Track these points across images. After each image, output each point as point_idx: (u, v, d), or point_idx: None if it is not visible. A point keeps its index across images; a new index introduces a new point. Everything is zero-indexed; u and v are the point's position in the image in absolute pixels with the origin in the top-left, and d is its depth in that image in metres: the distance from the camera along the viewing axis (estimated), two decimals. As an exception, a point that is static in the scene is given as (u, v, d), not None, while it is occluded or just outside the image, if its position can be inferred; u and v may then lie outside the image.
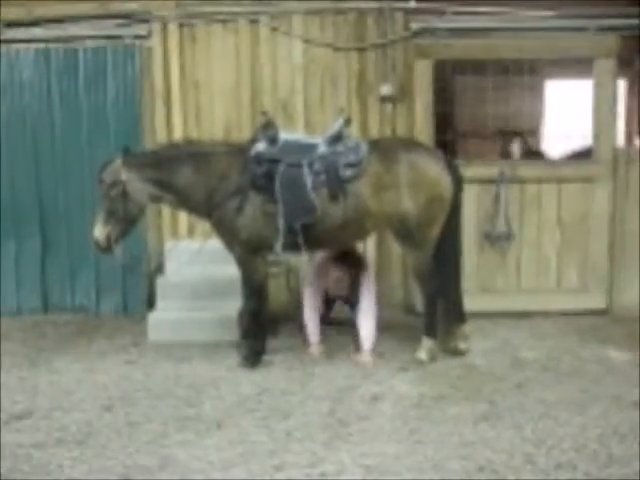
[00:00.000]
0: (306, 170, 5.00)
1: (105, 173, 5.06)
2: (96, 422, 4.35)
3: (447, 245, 5.29)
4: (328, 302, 5.80)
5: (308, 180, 4.98)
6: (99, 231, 5.05)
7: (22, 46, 6.52)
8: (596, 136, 6.32)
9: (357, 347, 5.39)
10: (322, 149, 5.10)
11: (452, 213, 5.25)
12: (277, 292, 5.98)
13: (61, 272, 6.75)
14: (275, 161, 5.02)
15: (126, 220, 5.12)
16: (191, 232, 6.49)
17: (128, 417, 4.41)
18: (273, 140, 5.08)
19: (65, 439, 4.11)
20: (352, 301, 5.52)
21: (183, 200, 5.22)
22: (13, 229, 6.70)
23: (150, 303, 6.35)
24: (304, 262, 5.65)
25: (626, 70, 6.67)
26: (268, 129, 5.16)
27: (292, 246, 5.07)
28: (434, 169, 5.14)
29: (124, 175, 5.01)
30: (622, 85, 6.58)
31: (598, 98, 6.28)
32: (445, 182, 5.15)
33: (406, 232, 5.17)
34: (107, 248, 5.09)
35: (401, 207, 5.07)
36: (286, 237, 5.01)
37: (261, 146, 5.08)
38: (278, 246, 5.05)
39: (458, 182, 5.28)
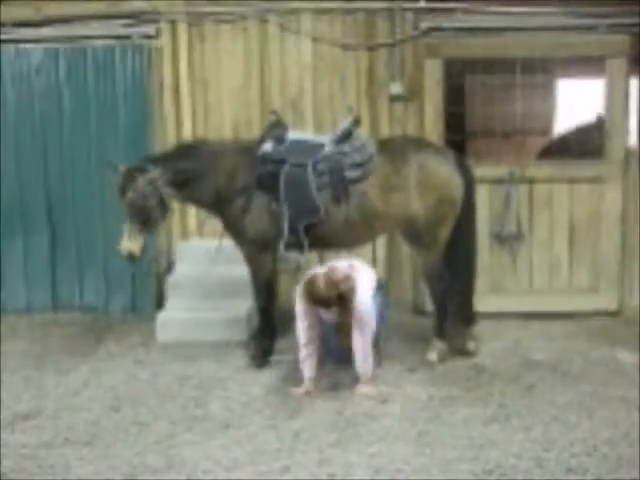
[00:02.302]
0: (310, 170, 4.97)
1: (138, 185, 4.87)
2: (103, 422, 4.34)
3: (460, 246, 5.26)
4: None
5: (312, 181, 4.96)
6: (134, 243, 4.93)
7: (31, 46, 6.53)
8: (607, 135, 6.27)
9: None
10: (328, 149, 5.08)
11: (465, 214, 5.21)
12: (287, 291, 5.94)
13: (70, 271, 6.74)
14: (280, 161, 5.00)
15: (156, 226, 5.12)
16: (200, 231, 6.47)
17: (136, 417, 4.40)
18: (280, 140, 5.07)
19: (72, 439, 4.11)
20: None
21: (196, 200, 5.23)
22: (21, 227, 6.70)
23: (159, 303, 6.34)
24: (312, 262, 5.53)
25: (638, 69, 6.59)
26: (276, 128, 5.15)
27: (296, 245, 5.05)
28: (444, 170, 5.10)
29: (160, 182, 4.94)
30: (634, 84, 6.49)
31: (610, 97, 6.24)
32: (455, 183, 5.11)
33: (415, 234, 5.13)
34: (140, 258, 5.06)
35: (410, 209, 5.03)
36: (289, 237, 5.00)
37: (268, 146, 5.07)
38: (281, 245, 5.04)
39: (470, 182, 5.24)
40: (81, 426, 4.28)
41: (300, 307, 4.69)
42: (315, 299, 4.53)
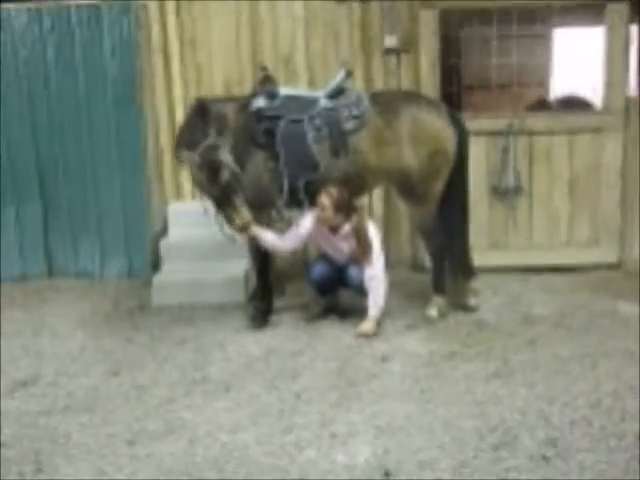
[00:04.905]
0: (307, 125, 4.88)
1: (227, 159, 4.87)
2: (103, 387, 4.31)
3: (453, 200, 5.18)
4: (333, 281, 5.26)
5: (310, 136, 4.87)
6: (242, 217, 4.89)
7: (14, 6, 6.31)
8: (607, 85, 6.13)
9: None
10: (323, 103, 4.99)
11: (458, 167, 5.13)
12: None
13: (63, 236, 6.63)
14: (275, 117, 4.90)
15: None
16: (194, 194, 6.38)
17: (135, 382, 4.36)
18: (272, 95, 4.95)
19: (72, 405, 4.08)
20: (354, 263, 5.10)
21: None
22: (13, 193, 6.55)
23: (155, 266, 6.27)
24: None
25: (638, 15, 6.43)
26: (267, 84, 5.03)
27: (295, 202, 4.99)
28: (436, 122, 5.02)
29: None
30: (635, 31, 6.35)
31: (610, 45, 6.06)
32: (448, 135, 5.03)
33: (408, 187, 5.07)
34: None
35: (402, 162, 4.96)
36: (289, 194, 4.93)
37: (260, 102, 4.95)
38: (281, 203, 4.96)
39: (462, 135, 5.15)
40: (80, 392, 4.25)
41: (306, 223, 5.00)
42: (327, 211, 4.86)
